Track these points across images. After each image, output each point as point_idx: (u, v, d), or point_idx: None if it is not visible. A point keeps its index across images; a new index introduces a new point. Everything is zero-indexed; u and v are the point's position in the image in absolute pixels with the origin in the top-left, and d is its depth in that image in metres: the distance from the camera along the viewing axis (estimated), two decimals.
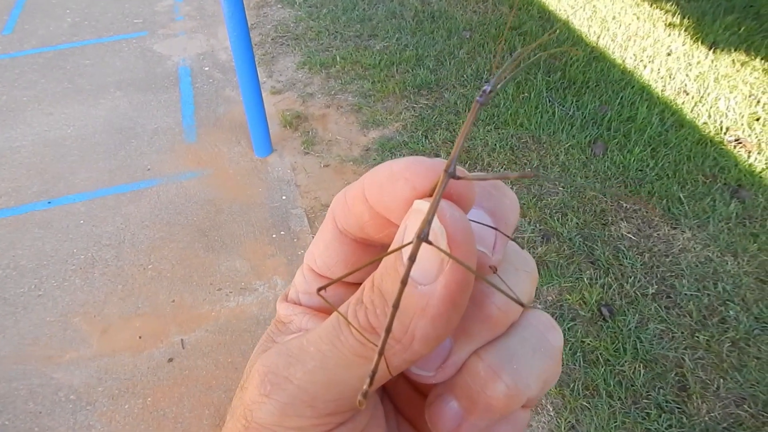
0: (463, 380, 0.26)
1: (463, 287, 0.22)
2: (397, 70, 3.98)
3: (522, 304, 0.25)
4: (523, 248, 0.29)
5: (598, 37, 4.25)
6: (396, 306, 0.22)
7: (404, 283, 0.22)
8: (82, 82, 4.19)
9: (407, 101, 3.68)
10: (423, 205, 0.22)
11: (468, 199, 0.24)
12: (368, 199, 0.24)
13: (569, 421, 2.04)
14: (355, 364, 0.23)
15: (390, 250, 0.23)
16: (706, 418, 2.04)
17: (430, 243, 0.22)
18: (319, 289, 0.27)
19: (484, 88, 0.26)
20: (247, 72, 3.05)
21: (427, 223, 0.22)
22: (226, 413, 1.48)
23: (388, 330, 0.22)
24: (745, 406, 2.07)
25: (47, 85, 4.18)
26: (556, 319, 2.31)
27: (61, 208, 3.12)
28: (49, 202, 3.17)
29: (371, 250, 0.28)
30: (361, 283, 0.25)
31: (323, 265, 0.28)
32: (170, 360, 2.36)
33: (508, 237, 0.26)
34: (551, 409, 2.09)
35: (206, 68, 4.27)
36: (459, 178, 0.23)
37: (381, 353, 0.22)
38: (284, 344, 0.26)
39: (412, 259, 0.22)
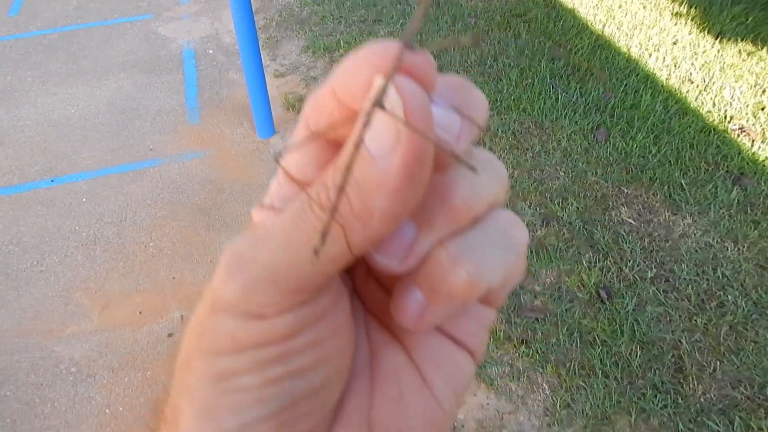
0: (427, 269, 0.26)
1: (421, 160, 0.22)
2: None
3: (472, 168, 0.25)
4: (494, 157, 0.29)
5: (604, 26, 4.23)
6: (348, 168, 0.23)
7: (357, 146, 0.22)
8: (87, 64, 4.20)
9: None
10: (381, 79, 0.22)
11: (426, 76, 0.24)
12: (335, 92, 0.24)
13: (564, 400, 2.05)
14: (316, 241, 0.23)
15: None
16: (702, 399, 2.04)
17: (384, 109, 0.22)
18: (277, 158, 0.27)
19: None
20: (250, 55, 3.06)
21: (383, 90, 0.22)
22: None
23: (341, 189, 0.23)
24: (741, 389, 2.07)
25: (52, 66, 4.19)
26: (554, 301, 2.33)
27: (63, 186, 3.14)
28: (52, 181, 3.18)
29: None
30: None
31: (297, 170, 0.28)
32: (170, 335, 2.37)
33: (474, 130, 0.26)
34: (547, 388, 2.10)
35: (210, 51, 4.27)
36: (413, 48, 0.23)
37: (333, 212, 0.23)
38: (251, 229, 0.26)
39: (367, 123, 0.22)
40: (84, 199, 3.05)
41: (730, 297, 2.37)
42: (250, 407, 0.25)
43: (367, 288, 0.31)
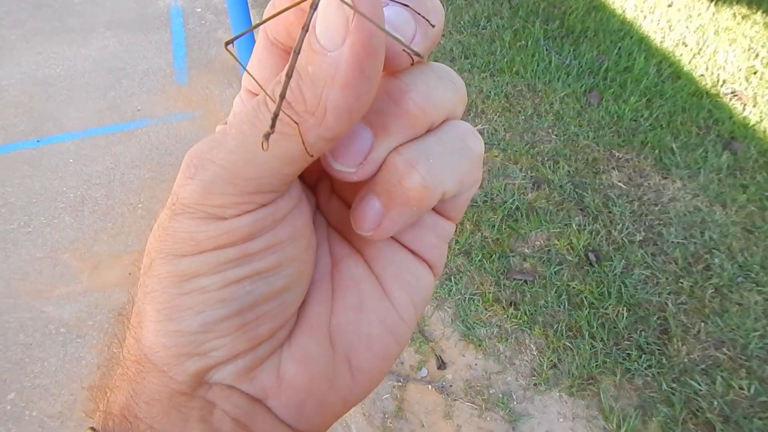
0: (383, 176, 0.26)
1: (371, 51, 0.22)
2: None
3: (418, 54, 0.24)
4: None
5: None
6: (297, 52, 0.23)
7: (305, 29, 0.22)
8: (72, 22, 4.10)
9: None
10: None
11: None
12: None
13: (551, 360, 2.08)
14: (272, 140, 0.23)
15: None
16: (685, 360, 2.08)
17: None
18: (226, 43, 0.26)
19: None
20: (239, 14, 2.98)
21: None
22: None
23: (289, 75, 0.23)
24: (724, 349, 2.11)
25: (36, 24, 4.09)
26: (543, 263, 2.34)
27: (50, 147, 3.10)
28: (38, 141, 3.14)
29: None
30: None
31: (259, 80, 0.28)
32: None
33: (430, 34, 0.26)
34: (534, 349, 2.13)
35: (198, 9, 4.18)
36: None
37: (282, 96, 0.23)
38: (211, 135, 0.26)
39: (314, 6, 0.22)
40: (71, 160, 3.01)
41: (716, 260, 2.39)
42: (212, 307, 0.25)
43: (331, 205, 0.32)
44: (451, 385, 2.03)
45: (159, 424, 0.26)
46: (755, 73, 3.42)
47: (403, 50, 0.25)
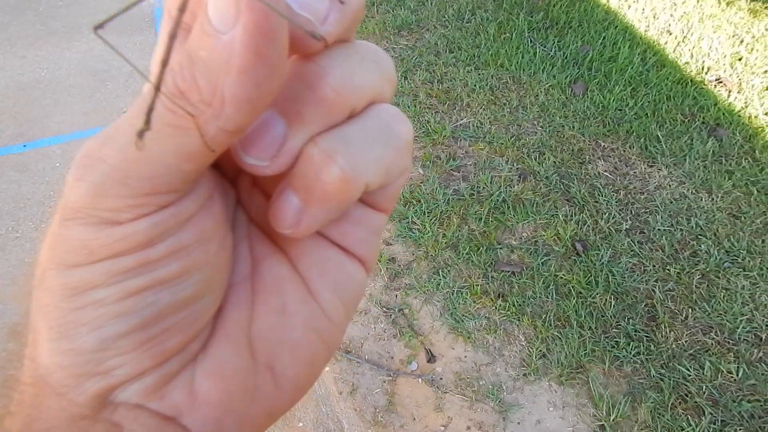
0: (299, 169, 0.25)
1: (267, 33, 0.20)
2: (377, 10, 3.90)
3: (322, 39, 0.23)
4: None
5: None
6: (173, 36, 0.21)
7: (182, 10, 0.21)
8: (56, 24, 4.07)
9: (387, 42, 3.61)
10: None
11: None
12: None
13: (540, 350, 2.09)
14: (167, 135, 0.21)
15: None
16: (674, 346, 2.10)
17: None
18: (95, 28, 0.24)
19: None
20: None
21: None
22: None
23: (165, 62, 0.21)
24: (712, 334, 2.13)
25: (19, 27, 4.06)
26: (530, 254, 2.35)
27: (36, 151, 3.08)
28: (24, 146, 3.12)
29: None
30: None
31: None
32: None
33: (348, 13, 0.24)
34: (523, 339, 2.14)
35: None
36: None
37: (157, 86, 0.21)
38: (104, 130, 0.24)
39: None
40: (57, 164, 3.00)
41: (703, 246, 2.41)
42: (110, 322, 0.23)
43: (252, 199, 0.29)
44: (441, 378, 2.04)
45: None
46: (740, 59, 3.44)
47: (309, 34, 0.23)
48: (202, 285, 0.25)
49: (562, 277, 2.29)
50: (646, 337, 2.13)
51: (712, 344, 2.11)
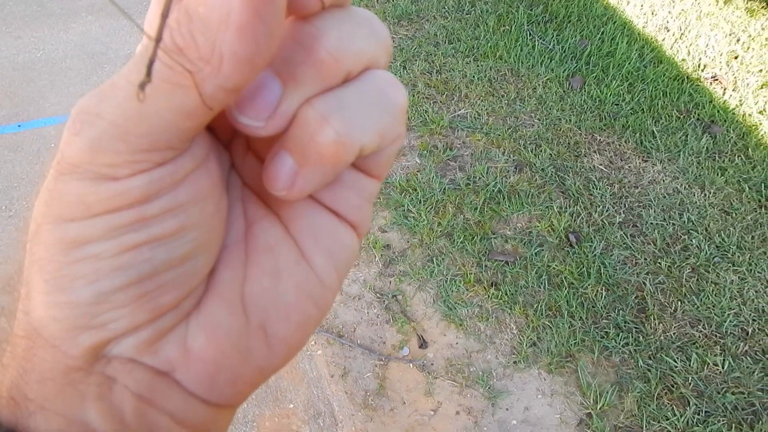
0: (294, 130, 0.24)
1: None
2: (378, 0, 3.90)
3: (322, 4, 0.23)
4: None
5: None
6: None
7: None
8: (52, 6, 4.05)
9: None
10: None
11: None
12: None
13: (531, 339, 2.11)
14: (164, 91, 0.21)
15: None
16: (662, 337, 2.12)
17: None
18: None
19: None
20: None
21: None
22: None
23: (164, 15, 0.21)
24: (700, 327, 2.16)
25: (16, 8, 4.04)
26: (524, 245, 2.37)
27: (31, 131, 3.07)
28: (19, 126, 3.11)
29: None
30: None
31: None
32: None
33: None
34: (514, 328, 2.16)
35: None
36: None
37: (157, 39, 0.21)
38: (100, 85, 0.23)
39: None
40: (52, 145, 2.99)
41: (694, 241, 2.44)
42: (106, 276, 0.23)
43: (246, 162, 0.29)
44: (432, 364, 2.06)
45: (51, 403, 0.23)
46: (736, 57, 3.46)
47: None
48: (197, 244, 0.25)
49: (554, 268, 2.32)
50: (636, 328, 2.15)
51: (699, 337, 2.14)
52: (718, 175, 2.72)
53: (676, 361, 2.06)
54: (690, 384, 2.01)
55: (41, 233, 0.23)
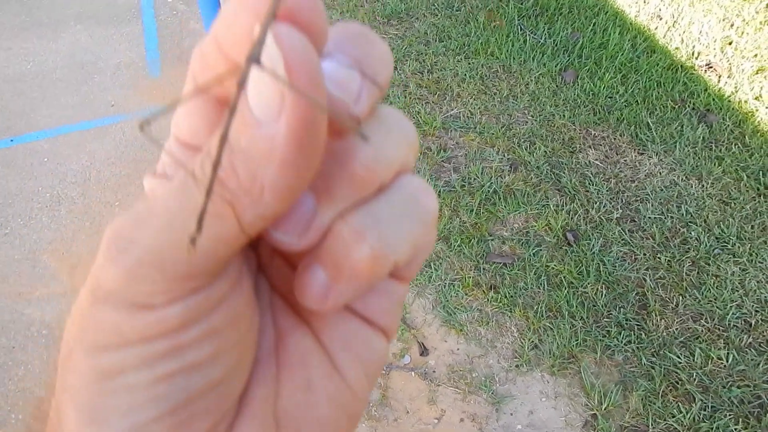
0: (328, 245, 0.24)
1: (311, 127, 0.20)
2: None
3: (364, 137, 0.23)
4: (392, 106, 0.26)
5: None
6: (224, 138, 0.20)
7: (233, 111, 0.20)
8: (41, 15, 4.02)
9: (376, 31, 3.56)
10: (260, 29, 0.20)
11: (313, 21, 0.21)
12: (219, 43, 0.22)
13: (532, 341, 2.11)
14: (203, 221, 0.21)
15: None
16: (664, 334, 2.11)
17: (261, 66, 0.19)
18: (141, 126, 0.24)
19: None
20: (210, 3, 2.94)
21: (260, 43, 0.19)
22: None
23: (215, 165, 0.20)
24: (702, 321, 2.15)
25: (4, 18, 4.01)
26: (522, 245, 2.36)
27: (24, 145, 3.06)
28: (12, 140, 3.09)
29: None
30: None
31: (188, 131, 0.25)
32: None
33: (377, 88, 0.24)
34: (515, 331, 2.15)
35: (169, 0, 4.11)
36: None
37: (209, 192, 0.21)
38: (133, 207, 0.23)
39: (241, 84, 0.20)
40: (45, 159, 2.98)
41: (693, 233, 2.42)
42: (140, 407, 0.22)
43: (273, 265, 0.28)
44: (434, 371, 2.05)
45: None
46: (730, 43, 3.43)
47: (346, 116, 0.23)
48: (231, 366, 0.24)
49: (553, 268, 2.30)
50: (637, 325, 2.15)
51: (702, 331, 2.13)
52: (715, 164, 2.71)
53: (679, 357, 2.06)
54: (695, 380, 2.01)
55: (73, 359, 0.23)
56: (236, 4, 0.21)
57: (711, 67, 3.26)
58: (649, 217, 2.48)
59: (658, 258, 2.34)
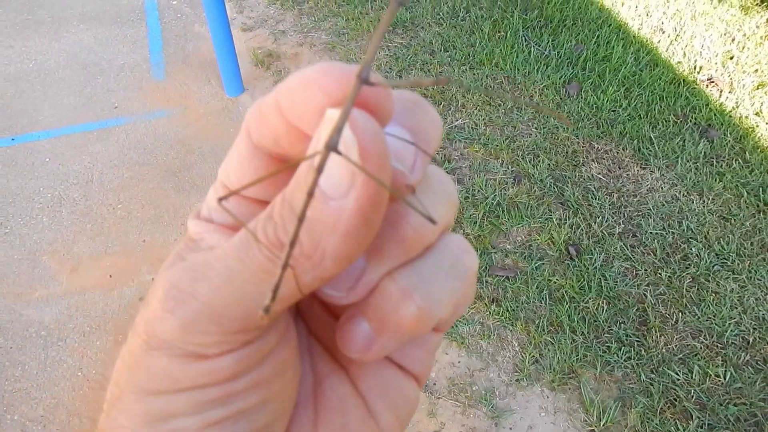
0: (375, 301, 0.25)
1: (376, 204, 0.21)
2: (371, 7, 3.87)
3: (432, 220, 0.24)
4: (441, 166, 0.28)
5: None
6: (301, 219, 0.21)
7: (310, 195, 0.21)
8: (43, 14, 4.01)
9: (382, 40, 3.59)
10: (335, 114, 0.21)
11: (384, 109, 0.22)
12: (282, 109, 0.23)
13: (533, 356, 2.11)
14: (263, 281, 0.22)
15: (301, 161, 0.22)
16: (664, 350, 2.12)
17: (339, 153, 0.21)
18: (220, 199, 0.25)
19: None
20: (215, 7, 2.95)
21: (337, 131, 0.21)
22: None
23: (293, 243, 0.21)
24: (701, 338, 2.16)
25: (5, 16, 4.00)
26: (524, 259, 2.36)
27: (25, 145, 3.05)
28: (13, 139, 3.08)
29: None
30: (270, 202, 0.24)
31: (237, 182, 0.26)
32: (141, 299, 2.36)
33: (428, 155, 0.25)
34: (516, 345, 2.16)
35: (174, 2, 4.10)
36: (373, 84, 0.22)
37: (285, 267, 0.22)
38: (190, 260, 0.24)
39: (320, 169, 0.21)
40: (47, 159, 2.97)
41: (693, 249, 2.43)
42: None
43: (312, 310, 0.30)
44: (434, 384, 2.05)
45: None
46: (731, 58, 3.45)
47: (402, 185, 0.24)
48: (276, 412, 0.25)
49: (555, 282, 2.31)
50: (637, 341, 2.15)
51: (701, 348, 2.14)
52: (716, 180, 2.72)
53: (678, 374, 2.06)
54: (692, 397, 2.01)
55: (124, 401, 0.24)
56: (307, 80, 0.22)
57: (712, 82, 3.28)
58: (651, 233, 2.49)
59: (659, 274, 2.35)
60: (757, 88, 3.23)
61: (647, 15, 3.79)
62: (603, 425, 1.94)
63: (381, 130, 0.21)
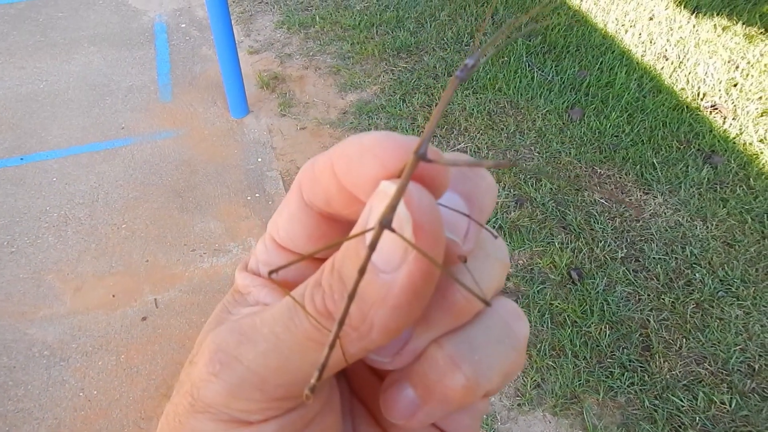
0: (421, 368, 0.24)
1: (427, 279, 0.20)
2: (376, 31, 3.93)
3: (487, 302, 0.23)
4: (497, 237, 0.27)
5: (581, 0, 4.21)
6: (351, 296, 0.21)
7: (362, 272, 0.21)
8: (55, 36, 4.08)
9: (386, 64, 3.64)
10: (389, 187, 0.21)
11: (440, 183, 0.22)
12: (336, 173, 0.23)
13: (535, 380, 2.09)
14: (309, 349, 0.22)
15: (352, 233, 0.22)
16: (667, 376, 2.10)
17: (393, 231, 0.20)
18: (270, 272, 0.26)
19: (466, 62, 0.23)
20: (222, 30, 3.00)
21: (392, 208, 0.20)
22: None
23: (341, 322, 0.21)
24: (705, 365, 2.14)
25: (19, 38, 4.07)
26: (526, 282, 2.36)
27: (33, 164, 3.08)
28: (22, 159, 3.12)
29: (337, 226, 0.26)
30: (323, 260, 0.23)
31: (286, 236, 0.26)
32: (144, 318, 2.37)
33: (482, 225, 0.24)
34: None
35: (183, 25, 4.17)
36: (430, 161, 0.21)
37: (332, 346, 0.21)
38: (237, 321, 0.24)
39: (373, 247, 0.21)
40: (54, 179, 3.00)
41: (697, 275, 2.42)
42: None
43: (356, 369, 0.29)
44: None
45: None
46: (735, 85, 3.47)
47: (455, 255, 0.23)
48: None
49: (557, 306, 2.30)
50: (641, 367, 2.14)
51: (705, 375, 2.12)
52: (719, 206, 2.72)
53: (682, 401, 2.04)
54: (698, 424, 1.99)
55: None
56: (364, 148, 0.22)
57: (716, 109, 3.29)
58: (654, 258, 2.49)
59: (662, 299, 2.34)
60: (762, 115, 3.24)
61: (651, 42, 3.82)
62: None
63: (436, 207, 0.21)
